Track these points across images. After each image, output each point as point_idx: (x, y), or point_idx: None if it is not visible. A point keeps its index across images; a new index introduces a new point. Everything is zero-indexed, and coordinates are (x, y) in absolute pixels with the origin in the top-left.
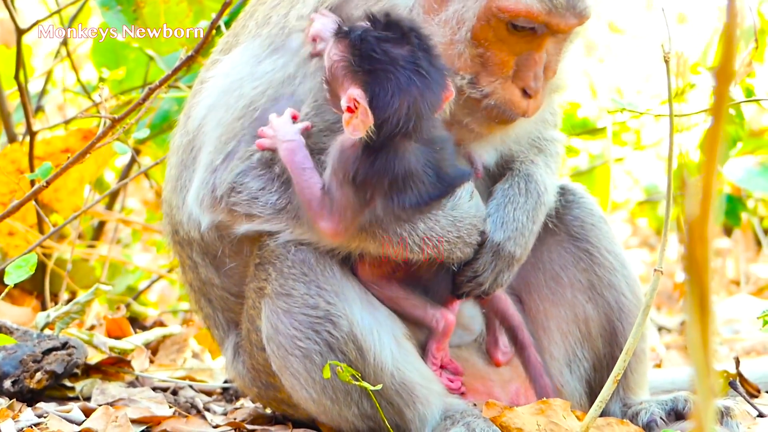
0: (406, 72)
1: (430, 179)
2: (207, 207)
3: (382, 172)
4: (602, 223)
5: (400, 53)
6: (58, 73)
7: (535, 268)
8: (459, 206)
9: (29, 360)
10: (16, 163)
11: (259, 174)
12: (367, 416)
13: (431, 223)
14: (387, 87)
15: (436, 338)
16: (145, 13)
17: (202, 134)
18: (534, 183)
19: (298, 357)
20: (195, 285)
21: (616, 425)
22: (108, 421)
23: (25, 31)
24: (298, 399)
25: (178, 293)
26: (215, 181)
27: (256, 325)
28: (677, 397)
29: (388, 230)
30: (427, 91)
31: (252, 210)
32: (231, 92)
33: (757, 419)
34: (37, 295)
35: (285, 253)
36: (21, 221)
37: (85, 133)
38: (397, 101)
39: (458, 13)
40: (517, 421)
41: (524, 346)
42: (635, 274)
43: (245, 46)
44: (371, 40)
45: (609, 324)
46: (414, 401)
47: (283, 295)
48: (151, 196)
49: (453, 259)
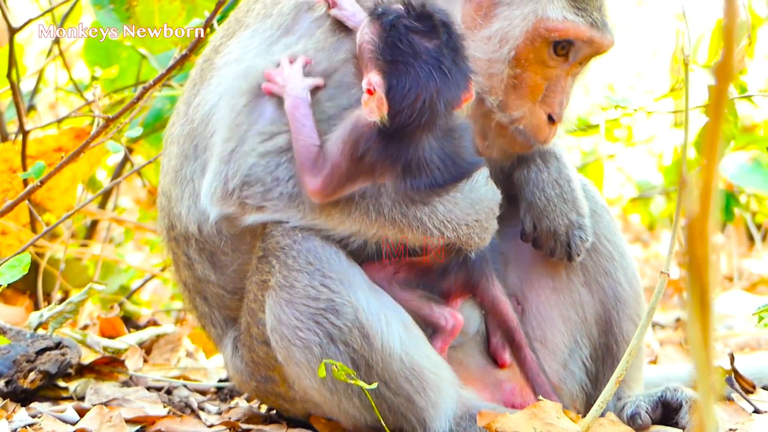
0: (427, 67)
1: (445, 165)
2: (218, 200)
3: (395, 157)
4: (604, 212)
5: (426, 47)
6: (50, 72)
7: (537, 256)
8: (476, 189)
9: (22, 360)
10: (9, 162)
11: (271, 164)
12: (368, 409)
13: (450, 206)
14: (405, 80)
15: (443, 337)
16: (137, 12)
17: (213, 120)
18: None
19: (299, 347)
20: (190, 283)
21: (608, 425)
22: (102, 421)
23: (17, 30)
24: (303, 389)
25: (171, 292)
26: (228, 173)
27: (258, 318)
28: (666, 388)
29: (407, 214)
30: (445, 88)
31: (264, 203)
32: (244, 77)
33: (753, 415)
34: (30, 294)
35: (291, 244)
36: (14, 220)
37: (78, 132)
38: (414, 95)
39: (502, 31)
40: (512, 425)
41: (520, 347)
42: (634, 267)
43: (254, 29)
44: (401, 29)
45: (605, 312)
46: (425, 387)
47: (286, 286)
48: (143, 195)
49: (471, 245)
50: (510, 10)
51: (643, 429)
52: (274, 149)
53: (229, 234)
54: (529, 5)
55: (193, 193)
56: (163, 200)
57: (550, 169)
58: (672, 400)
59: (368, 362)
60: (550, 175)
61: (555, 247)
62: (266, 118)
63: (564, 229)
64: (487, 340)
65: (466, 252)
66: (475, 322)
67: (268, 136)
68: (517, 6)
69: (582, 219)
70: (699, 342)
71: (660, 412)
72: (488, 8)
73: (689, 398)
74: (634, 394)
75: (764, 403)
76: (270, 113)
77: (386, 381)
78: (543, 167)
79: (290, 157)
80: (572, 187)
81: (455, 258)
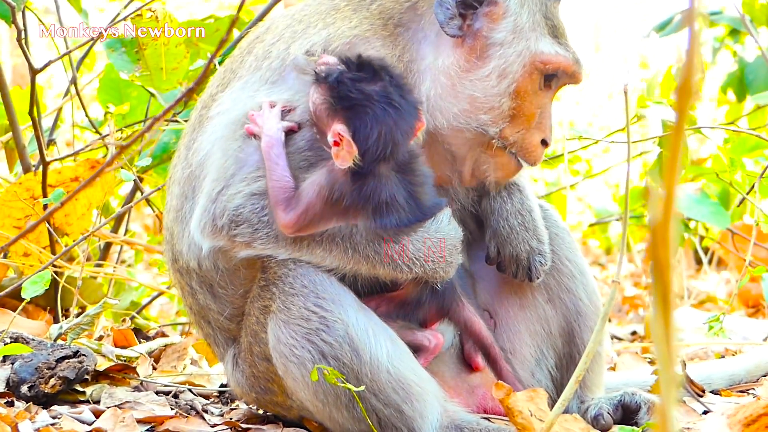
0: (380, 105)
1: (410, 206)
2: (208, 234)
3: (366, 199)
4: (565, 234)
5: (374, 89)
6: (68, 111)
7: (504, 277)
8: (441, 229)
9: (44, 367)
10: (31, 190)
11: (257, 206)
12: (359, 420)
13: (418, 244)
14: (366, 120)
15: (424, 356)
16: (146, 54)
17: (207, 164)
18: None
19: (295, 363)
20: (194, 308)
21: (571, 422)
22: (116, 421)
23: (38, 71)
24: (299, 400)
25: (177, 308)
26: (215, 211)
27: (260, 338)
28: (625, 392)
29: (380, 252)
30: (400, 120)
31: (252, 241)
32: (234, 124)
33: (704, 415)
34: (50, 309)
35: (287, 272)
36: (35, 243)
37: (93, 164)
38: (376, 131)
39: (500, 68)
40: (520, 405)
41: (496, 360)
42: (593, 283)
43: (246, 81)
44: (347, 81)
45: (567, 325)
46: (411, 399)
47: (284, 309)
48: (151, 222)
49: (436, 278)
50: (504, 49)
51: (605, 429)
52: (258, 191)
53: (225, 269)
54: (521, 43)
55: (191, 235)
56: (167, 235)
57: (513, 200)
58: (631, 403)
59: (357, 375)
60: (513, 206)
61: (517, 270)
62: (252, 163)
63: (525, 255)
64: (461, 348)
65: (433, 285)
66: (450, 337)
67: (253, 180)
68: (510, 45)
69: (542, 245)
70: (662, 336)
71: (620, 414)
72: (482, 50)
73: (647, 401)
74: (596, 398)
75: (713, 404)
76: (256, 158)
77: (375, 392)
78: (507, 198)
79: None
80: (533, 216)
81: (425, 289)
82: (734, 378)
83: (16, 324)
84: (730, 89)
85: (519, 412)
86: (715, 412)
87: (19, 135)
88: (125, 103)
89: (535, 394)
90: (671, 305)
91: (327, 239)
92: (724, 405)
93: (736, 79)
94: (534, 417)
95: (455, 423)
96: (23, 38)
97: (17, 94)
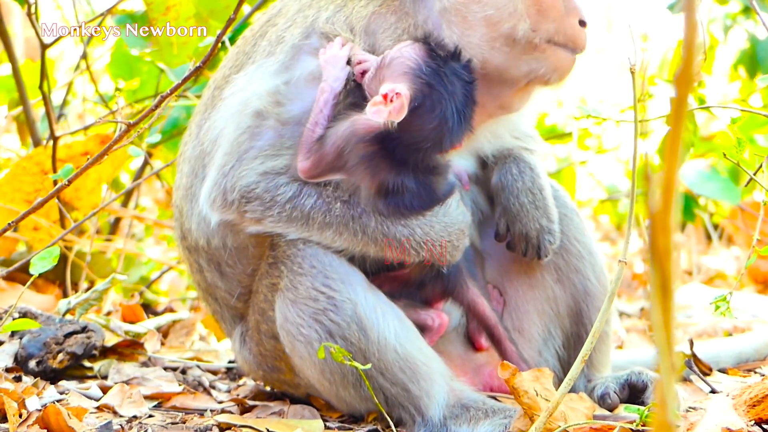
0: (453, 106)
1: (419, 192)
2: (218, 208)
3: (374, 173)
4: (574, 215)
5: (460, 92)
6: (78, 85)
7: (514, 256)
8: (449, 213)
9: (52, 342)
10: (41, 165)
11: (270, 185)
12: (366, 398)
13: (427, 229)
14: (434, 107)
15: (430, 335)
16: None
17: (219, 141)
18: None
19: (302, 342)
20: (202, 285)
21: (577, 401)
22: (123, 397)
23: (48, 46)
24: (306, 378)
25: (187, 283)
26: (226, 185)
27: (267, 316)
28: (632, 372)
29: (388, 235)
30: (456, 132)
31: (263, 218)
32: (249, 102)
33: (710, 395)
34: (59, 284)
35: (296, 252)
36: (45, 217)
37: (103, 138)
38: (431, 123)
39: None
40: (525, 385)
41: (500, 340)
42: (602, 263)
43: (259, 64)
44: (450, 66)
45: (576, 305)
46: (418, 378)
47: (292, 288)
48: (162, 196)
49: (443, 262)
50: None
51: (612, 408)
52: (271, 170)
53: (233, 247)
54: None
55: (200, 210)
56: (176, 213)
57: (524, 178)
58: (638, 382)
59: (365, 354)
60: (524, 184)
61: (526, 248)
62: (266, 140)
63: (535, 233)
64: (467, 327)
65: (439, 268)
66: (456, 317)
67: (267, 157)
68: None
69: (551, 224)
70: (661, 325)
71: (627, 393)
72: None
73: (653, 380)
74: (603, 377)
75: (720, 384)
76: (270, 136)
77: (382, 371)
78: (518, 176)
79: (287, 179)
80: (544, 195)
81: (431, 271)
82: (742, 356)
83: (25, 298)
84: (742, 66)
85: (525, 392)
86: (721, 392)
87: (29, 109)
88: (135, 78)
89: (540, 374)
90: (671, 294)
91: (338, 221)
92: (731, 384)
93: (747, 57)
94: (540, 396)
95: (461, 402)
96: (33, 12)
97: (28, 67)
